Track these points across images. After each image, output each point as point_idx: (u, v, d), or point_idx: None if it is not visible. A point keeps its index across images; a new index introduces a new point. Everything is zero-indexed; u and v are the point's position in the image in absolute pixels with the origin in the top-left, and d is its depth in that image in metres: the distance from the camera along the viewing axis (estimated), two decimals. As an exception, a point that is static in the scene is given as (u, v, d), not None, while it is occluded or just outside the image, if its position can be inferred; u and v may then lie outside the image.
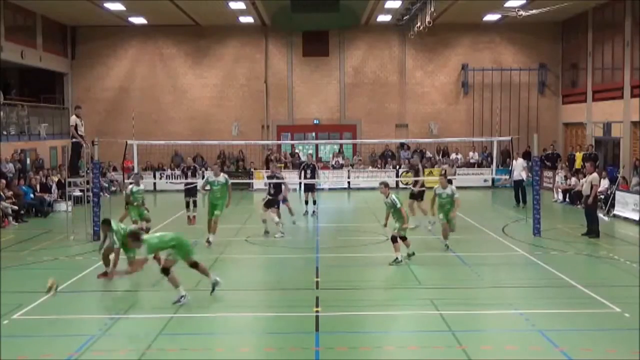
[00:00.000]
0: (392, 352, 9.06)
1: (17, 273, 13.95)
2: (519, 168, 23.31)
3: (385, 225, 15.02)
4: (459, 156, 32.88)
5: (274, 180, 18.62)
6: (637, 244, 16.19)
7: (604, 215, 20.19)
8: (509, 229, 19.00)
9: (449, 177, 18.13)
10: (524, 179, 23.16)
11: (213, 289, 11.68)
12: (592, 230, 17.38)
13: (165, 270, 11.26)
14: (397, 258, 14.00)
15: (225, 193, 16.84)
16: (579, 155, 27.53)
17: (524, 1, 27.03)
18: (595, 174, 17.69)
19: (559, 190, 25.86)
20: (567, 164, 28.26)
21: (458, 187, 17.99)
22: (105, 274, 12.84)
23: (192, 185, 20.55)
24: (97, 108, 33.07)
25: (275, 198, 18.21)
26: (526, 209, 20.50)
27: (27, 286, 12.65)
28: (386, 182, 15.07)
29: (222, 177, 17.10)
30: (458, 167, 31.25)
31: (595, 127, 29.29)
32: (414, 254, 14.53)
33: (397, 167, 32.00)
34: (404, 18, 29.75)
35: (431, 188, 17.19)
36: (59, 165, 28.09)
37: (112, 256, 12.91)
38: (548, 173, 28.47)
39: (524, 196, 22.92)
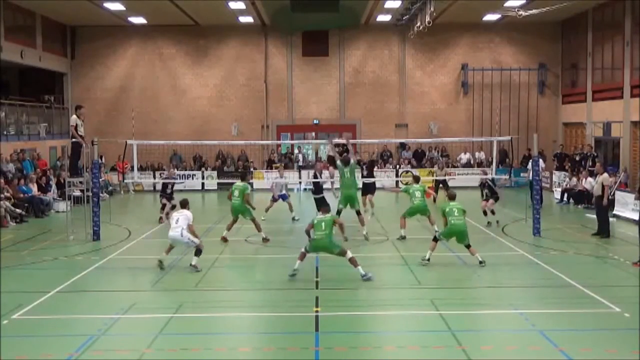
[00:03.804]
0: (392, 352, 9.06)
1: (17, 273, 13.95)
2: None
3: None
4: (467, 155, 32.89)
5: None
6: (637, 244, 16.18)
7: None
8: (509, 229, 19.00)
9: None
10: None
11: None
12: (603, 230, 17.41)
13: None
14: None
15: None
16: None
17: (524, 1, 27.02)
18: (605, 174, 17.77)
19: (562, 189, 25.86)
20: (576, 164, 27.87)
21: (457, 187, 18.08)
22: None
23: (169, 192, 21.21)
24: (97, 108, 33.04)
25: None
26: (526, 209, 20.49)
27: (27, 286, 12.68)
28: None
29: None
30: (463, 166, 31.35)
31: (595, 127, 29.29)
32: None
33: (397, 167, 32.01)
34: (404, 18, 29.73)
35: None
36: (60, 166, 28.02)
37: None
38: (545, 173, 28.41)
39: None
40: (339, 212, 17.43)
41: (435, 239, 14.24)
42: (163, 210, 20.79)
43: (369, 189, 19.70)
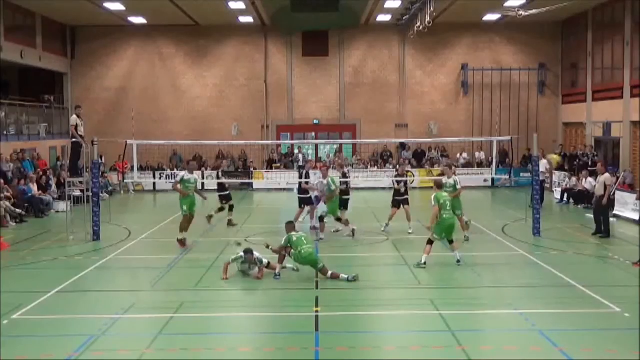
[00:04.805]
0: (392, 352, 9.06)
1: (17, 273, 13.94)
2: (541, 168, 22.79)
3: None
4: (464, 155, 32.93)
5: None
6: (637, 244, 16.19)
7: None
8: (509, 229, 19.00)
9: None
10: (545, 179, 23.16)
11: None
12: (604, 230, 17.42)
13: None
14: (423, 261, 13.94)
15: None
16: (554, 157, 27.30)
17: (524, 1, 27.03)
18: (607, 174, 17.80)
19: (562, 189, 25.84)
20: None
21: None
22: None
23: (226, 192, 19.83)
24: (97, 108, 33.08)
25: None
26: (526, 209, 20.52)
27: (27, 286, 12.67)
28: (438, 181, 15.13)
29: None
30: (462, 166, 31.34)
31: (595, 127, 29.29)
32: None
33: (397, 167, 31.95)
34: (404, 18, 29.75)
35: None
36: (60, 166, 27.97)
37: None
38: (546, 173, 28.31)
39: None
40: (321, 219, 17.46)
41: (430, 242, 14.00)
42: (220, 212, 19.44)
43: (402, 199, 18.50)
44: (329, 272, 12.86)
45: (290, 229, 13.39)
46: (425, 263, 13.85)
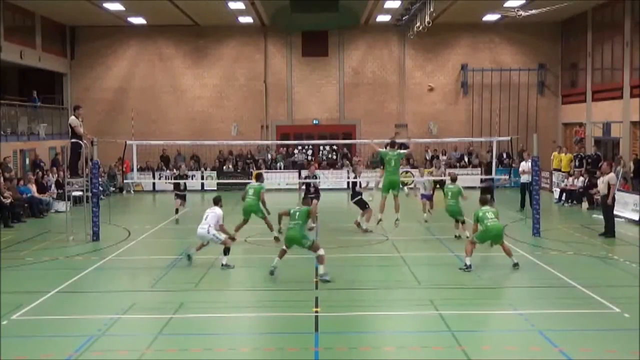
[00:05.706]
0: (392, 352, 9.06)
1: (17, 273, 13.95)
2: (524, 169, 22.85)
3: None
4: (457, 153, 32.98)
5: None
6: (637, 244, 16.20)
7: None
8: (508, 229, 18.93)
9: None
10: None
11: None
12: (609, 230, 17.41)
13: None
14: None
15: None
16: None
17: (524, 1, 27.04)
18: (612, 174, 17.82)
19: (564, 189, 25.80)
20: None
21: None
22: None
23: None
24: (96, 108, 33.05)
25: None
26: (526, 210, 20.49)
27: (27, 286, 12.68)
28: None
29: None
30: (463, 167, 31.33)
31: (595, 128, 29.28)
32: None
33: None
34: (403, 18, 29.74)
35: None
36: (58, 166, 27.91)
37: None
38: (545, 174, 28.31)
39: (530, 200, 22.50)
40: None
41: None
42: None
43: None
44: (320, 252, 12.75)
45: (304, 204, 13.61)
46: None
